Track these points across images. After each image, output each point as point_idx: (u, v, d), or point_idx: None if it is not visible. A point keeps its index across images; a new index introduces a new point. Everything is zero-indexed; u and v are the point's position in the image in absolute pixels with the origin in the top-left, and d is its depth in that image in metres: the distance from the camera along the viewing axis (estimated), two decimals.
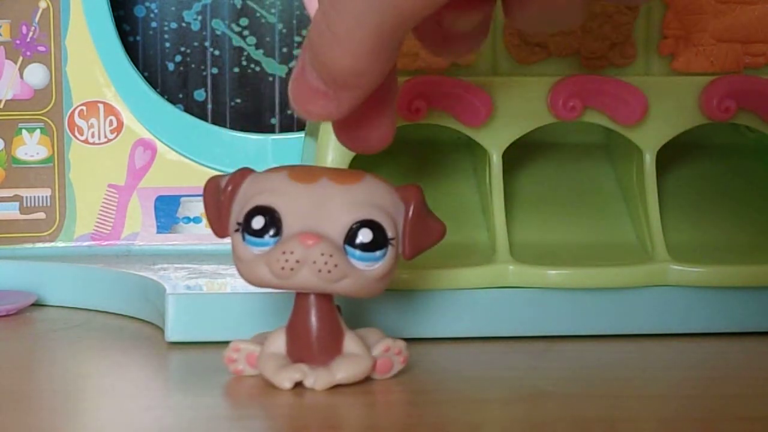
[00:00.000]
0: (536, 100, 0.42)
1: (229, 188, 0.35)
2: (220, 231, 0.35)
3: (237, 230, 0.34)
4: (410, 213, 0.34)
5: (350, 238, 0.33)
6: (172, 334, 0.40)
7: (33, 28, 0.51)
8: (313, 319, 0.34)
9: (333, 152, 0.41)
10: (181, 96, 0.57)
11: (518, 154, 0.44)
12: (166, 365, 0.39)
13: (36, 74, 0.51)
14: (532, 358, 0.39)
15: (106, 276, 0.46)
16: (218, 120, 0.58)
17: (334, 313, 0.34)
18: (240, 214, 0.34)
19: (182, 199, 0.52)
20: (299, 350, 0.34)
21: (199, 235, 0.51)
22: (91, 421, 0.33)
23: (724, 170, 0.47)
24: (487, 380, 0.36)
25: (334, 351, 0.34)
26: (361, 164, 0.38)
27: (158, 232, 0.52)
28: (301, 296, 0.34)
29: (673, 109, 0.43)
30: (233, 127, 0.57)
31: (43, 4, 0.51)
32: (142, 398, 0.35)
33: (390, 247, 0.34)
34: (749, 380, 0.36)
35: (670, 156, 0.44)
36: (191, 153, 0.52)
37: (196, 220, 0.52)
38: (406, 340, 0.40)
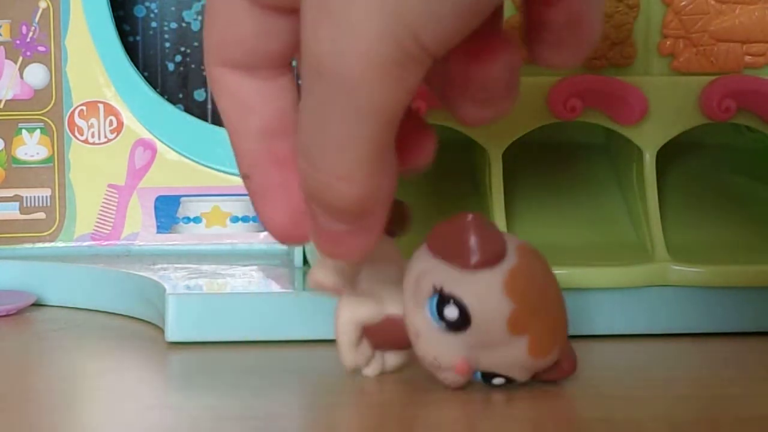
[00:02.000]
0: (536, 100, 0.42)
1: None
2: None
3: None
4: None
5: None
6: (172, 334, 0.40)
7: (33, 28, 0.51)
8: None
9: None
10: (181, 96, 0.57)
11: (518, 154, 0.44)
12: (166, 365, 0.39)
13: (36, 74, 0.51)
14: None
15: (106, 276, 0.46)
16: (218, 120, 0.57)
17: None
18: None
19: (182, 199, 0.52)
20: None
21: (199, 235, 0.51)
22: (91, 421, 0.33)
23: (724, 170, 0.47)
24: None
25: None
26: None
27: (158, 232, 0.52)
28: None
29: (673, 109, 0.43)
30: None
31: (43, 4, 0.51)
32: (142, 398, 0.35)
33: None
34: (749, 380, 0.36)
35: (670, 156, 0.44)
36: (191, 153, 0.52)
37: (196, 220, 0.52)
38: None
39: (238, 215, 0.52)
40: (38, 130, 0.51)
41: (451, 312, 0.31)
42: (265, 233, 0.51)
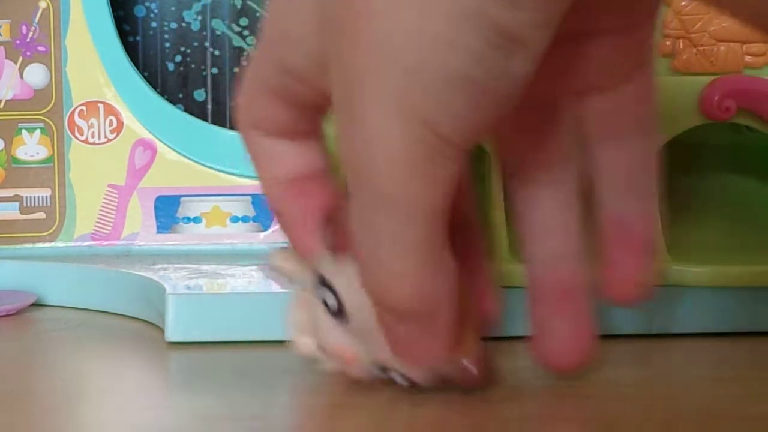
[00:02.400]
0: None
1: None
2: None
3: None
4: None
5: None
6: (172, 334, 0.40)
7: (33, 28, 0.51)
8: None
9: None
10: (181, 96, 0.57)
11: None
12: (166, 365, 0.39)
13: (36, 74, 0.51)
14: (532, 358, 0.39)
15: (106, 276, 0.46)
16: (218, 120, 0.58)
17: None
18: None
19: (182, 199, 0.52)
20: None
21: (199, 235, 0.51)
22: (91, 421, 0.33)
23: (724, 170, 0.47)
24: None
25: None
26: None
27: (158, 232, 0.52)
28: None
29: (673, 109, 0.43)
30: (233, 127, 0.57)
31: (43, 4, 0.51)
32: (142, 398, 0.35)
33: None
34: (749, 380, 0.36)
35: (670, 156, 0.44)
36: (191, 153, 0.52)
37: (196, 220, 0.52)
38: None
39: (238, 215, 0.52)
40: (38, 130, 0.51)
41: (330, 300, 0.31)
42: (265, 233, 0.51)
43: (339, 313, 0.31)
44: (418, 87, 0.25)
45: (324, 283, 0.31)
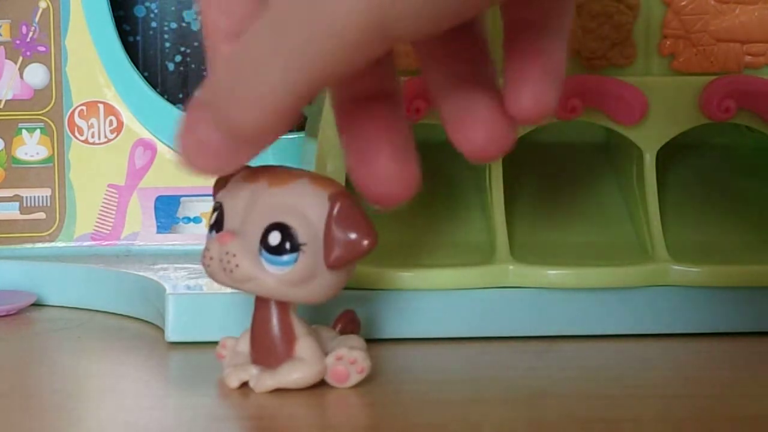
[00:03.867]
0: None
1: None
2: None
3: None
4: (328, 218, 0.33)
5: (263, 240, 0.33)
6: (172, 334, 0.40)
7: (33, 28, 0.51)
8: (263, 321, 0.34)
9: (332, 161, 0.41)
10: (181, 96, 0.57)
11: (518, 154, 0.44)
12: (166, 365, 0.39)
13: (36, 74, 0.51)
14: (532, 358, 0.39)
15: (106, 276, 0.46)
16: None
17: (287, 317, 0.34)
18: None
19: (182, 199, 0.52)
20: (254, 351, 0.34)
21: (199, 235, 0.51)
22: (91, 421, 0.33)
23: (724, 170, 0.47)
24: (487, 380, 0.36)
25: (284, 355, 0.34)
26: None
27: (158, 232, 0.52)
28: (257, 299, 0.34)
29: (673, 109, 0.43)
30: None
31: (43, 4, 0.51)
32: (142, 398, 0.35)
33: (301, 253, 0.33)
34: (749, 380, 0.36)
35: (670, 156, 0.44)
36: None
37: (196, 220, 0.52)
38: (407, 340, 0.40)
39: None
40: (38, 130, 0.51)
41: (215, 214, 0.34)
42: None
43: (216, 224, 0.34)
44: None
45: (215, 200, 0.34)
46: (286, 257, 0.33)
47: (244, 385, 0.34)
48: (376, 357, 0.39)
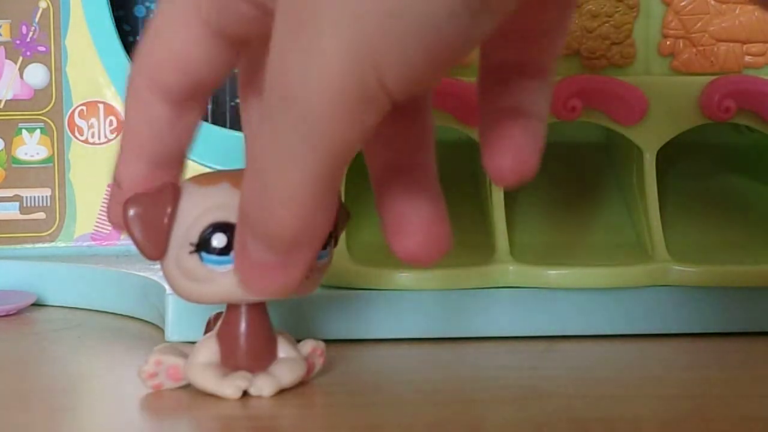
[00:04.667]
0: None
1: (169, 209, 0.32)
2: (158, 254, 0.33)
3: (192, 251, 0.32)
4: None
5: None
6: (172, 334, 0.40)
7: (33, 28, 0.51)
8: (249, 325, 0.34)
9: None
10: None
11: None
12: None
13: (36, 74, 0.51)
14: (532, 358, 0.39)
15: (106, 276, 0.46)
16: (218, 120, 0.58)
17: (267, 319, 0.34)
18: (190, 234, 0.32)
19: None
20: (236, 358, 0.34)
21: None
22: (90, 421, 0.33)
23: (724, 170, 0.47)
24: (487, 380, 0.36)
25: (271, 356, 0.34)
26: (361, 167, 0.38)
27: None
28: (233, 305, 0.34)
29: (673, 109, 0.43)
30: (233, 127, 0.57)
31: (43, 4, 0.51)
32: (142, 398, 0.35)
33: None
34: (749, 380, 0.36)
35: (670, 156, 0.44)
36: (191, 153, 0.52)
37: None
38: (406, 340, 0.40)
39: None
40: (38, 130, 0.51)
41: None
42: None
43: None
44: (387, 31, 0.25)
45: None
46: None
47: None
48: (375, 357, 0.39)
